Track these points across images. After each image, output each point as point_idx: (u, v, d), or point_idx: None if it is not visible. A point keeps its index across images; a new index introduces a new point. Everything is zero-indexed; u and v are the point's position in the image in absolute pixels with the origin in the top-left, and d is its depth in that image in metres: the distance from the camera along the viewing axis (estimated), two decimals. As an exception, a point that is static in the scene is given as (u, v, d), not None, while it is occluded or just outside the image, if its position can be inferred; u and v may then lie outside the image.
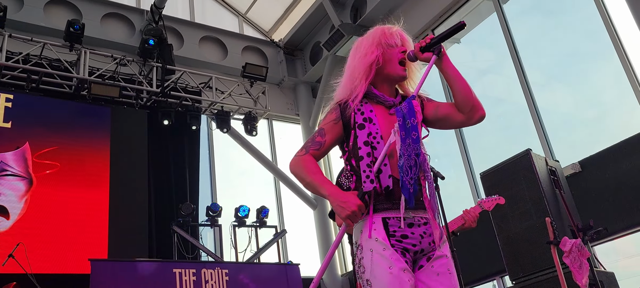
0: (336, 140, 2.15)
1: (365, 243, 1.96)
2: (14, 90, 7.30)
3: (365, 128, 2.07)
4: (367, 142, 2.05)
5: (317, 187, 2.03)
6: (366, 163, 2.01)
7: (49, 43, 7.49)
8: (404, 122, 1.99)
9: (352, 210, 1.88)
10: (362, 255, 1.97)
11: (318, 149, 2.12)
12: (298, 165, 2.10)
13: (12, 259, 5.74)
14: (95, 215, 7.06)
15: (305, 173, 2.06)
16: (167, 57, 8.50)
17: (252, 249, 7.68)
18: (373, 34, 2.22)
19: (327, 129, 2.14)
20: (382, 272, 1.90)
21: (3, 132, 6.91)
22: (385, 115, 2.11)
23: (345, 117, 2.11)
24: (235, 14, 10.57)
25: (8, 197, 6.60)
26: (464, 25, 2.08)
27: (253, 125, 8.82)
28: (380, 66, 2.15)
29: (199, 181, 8.42)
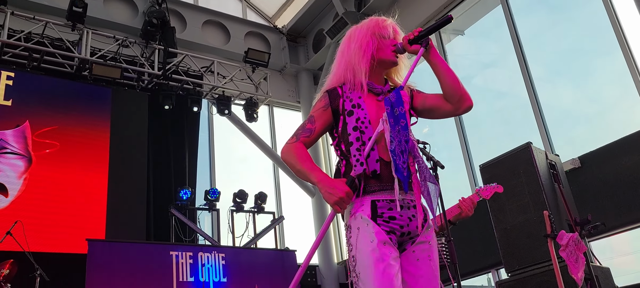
0: (326, 127, 2.21)
1: (353, 223, 2.03)
2: (15, 68, 7.29)
3: (354, 114, 2.13)
4: (355, 127, 2.10)
5: (306, 174, 2.08)
6: (356, 148, 2.07)
7: (52, 22, 7.46)
8: (392, 110, 2.06)
9: (340, 196, 1.93)
10: (350, 234, 2.04)
11: (308, 136, 2.17)
12: (289, 153, 2.14)
13: (10, 237, 5.75)
14: (94, 196, 7.06)
15: (296, 160, 2.10)
16: (170, 39, 8.47)
17: (249, 234, 7.70)
18: (367, 24, 2.27)
19: (316, 116, 2.19)
20: (365, 245, 1.98)
21: (3, 110, 6.90)
22: (374, 102, 2.17)
23: (334, 104, 2.17)
24: (239, -2, 10.52)
25: (7, 175, 6.60)
26: (450, 19, 2.17)
27: (254, 110, 8.81)
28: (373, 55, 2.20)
29: (198, 165, 8.42)
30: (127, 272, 5.82)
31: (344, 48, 2.27)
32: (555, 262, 3.86)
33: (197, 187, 8.06)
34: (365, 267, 1.96)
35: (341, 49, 2.29)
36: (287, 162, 2.15)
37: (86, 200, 6.98)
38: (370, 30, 2.23)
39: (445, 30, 8.62)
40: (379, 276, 1.92)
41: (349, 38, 2.27)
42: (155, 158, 8.00)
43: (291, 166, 2.13)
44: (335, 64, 2.29)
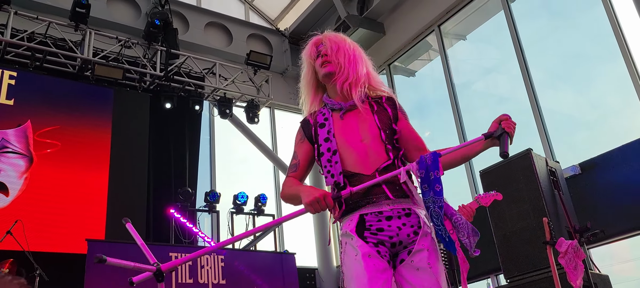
0: (309, 157, 2.23)
1: (342, 238, 2.08)
2: (18, 68, 7.30)
3: (325, 126, 2.19)
4: (326, 138, 2.15)
5: (293, 194, 2.13)
6: (326, 159, 2.13)
7: (55, 22, 7.49)
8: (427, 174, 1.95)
9: (315, 197, 1.93)
10: (341, 250, 2.08)
11: (295, 170, 2.22)
12: (282, 190, 2.21)
13: (10, 236, 5.76)
14: (94, 196, 7.07)
15: (285, 191, 2.18)
16: (172, 41, 8.49)
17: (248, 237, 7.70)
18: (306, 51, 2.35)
19: (297, 150, 2.27)
20: (349, 260, 2.01)
21: (5, 109, 6.92)
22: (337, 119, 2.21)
23: (307, 133, 2.24)
24: (241, 1, 10.54)
25: (8, 174, 6.61)
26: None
27: (255, 113, 8.82)
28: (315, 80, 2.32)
29: (199, 167, 8.43)
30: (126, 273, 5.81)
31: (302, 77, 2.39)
32: (554, 268, 3.86)
33: (198, 189, 8.07)
34: (350, 280, 1.98)
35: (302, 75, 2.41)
36: (284, 199, 2.23)
37: (86, 200, 6.99)
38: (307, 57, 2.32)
39: (447, 34, 8.63)
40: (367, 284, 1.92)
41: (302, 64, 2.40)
42: (155, 160, 8.01)
43: (288, 198, 2.18)
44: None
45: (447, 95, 8.18)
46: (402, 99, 2.29)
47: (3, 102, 6.95)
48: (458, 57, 8.63)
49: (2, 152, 6.68)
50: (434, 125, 9.19)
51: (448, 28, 8.62)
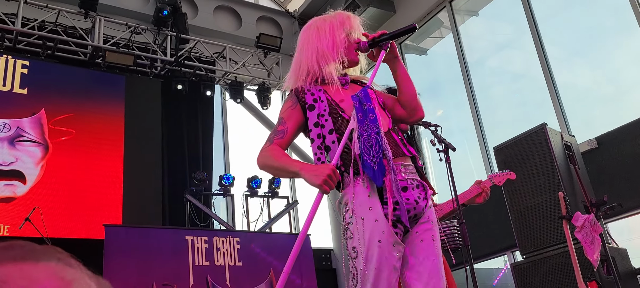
0: (299, 126, 2.16)
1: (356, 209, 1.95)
2: (30, 57, 7.36)
3: (315, 109, 2.10)
4: (316, 124, 2.08)
5: (286, 167, 2.04)
6: (317, 146, 2.05)
7: (64, 10, 7.51)
8: (361, 105, 2.02)
9: (327, 174, 1.86)
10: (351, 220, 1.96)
11: (282, 137, 2.12)
12: (264, 156, 2.09)
13: (29, 223, 5.85)
14: (110, 182, 7.14)
15: (273, 160, 2.06)
16: (182, 26, 8.48)
17: (263, 219, 7.73)
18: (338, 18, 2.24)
19: (286, 116, 2.15)
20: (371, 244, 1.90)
21: (19, 98, 6.98)
22: (339, 89, 2.14)
23: (301, 101, 2.14)
24: (250, -17, 10.46)
25: (25, 162, 6.69)
26: (415, 28, 2.22)
27: (266, 96, 8.81)
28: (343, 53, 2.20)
29: (213, 150, 8.46)
30: (144, 257, 5.88)
31: (312, 39, 2.21)
32: (570, 243, 3.82)
33: (212, 172, 8.11)
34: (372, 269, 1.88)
35: (308, 39, 2.23)
36: (265, 166, 2.10)
37: (102, 185, 7.06)
38: (342, 26, 2.21)
39: (458, 11, 8.51)
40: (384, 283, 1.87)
41: (317, 30, 2.22)
42: (169, 144, 8.06)
43: (269, 168, 2.10)
44: (300, 57, 2.23)
45: (460, 73, 8.09)
46: (413, 78, 2.27)
47: (17, 91, 7.01)
48: (470, 34, 8.52)
49: (18, 141, 6.76)
50: (447, 104, 9.11)
51: (459, 4, 8.50)
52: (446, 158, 3.41)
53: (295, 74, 2.22)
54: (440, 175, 7.85)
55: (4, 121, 6.76)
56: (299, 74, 2.20)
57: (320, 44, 2.16)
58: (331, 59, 2.14)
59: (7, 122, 6.77)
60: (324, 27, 2.21)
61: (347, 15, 2.25)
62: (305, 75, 2.17)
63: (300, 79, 2.19)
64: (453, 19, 8.38)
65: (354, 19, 2.25)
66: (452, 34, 8.39)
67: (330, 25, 2.20)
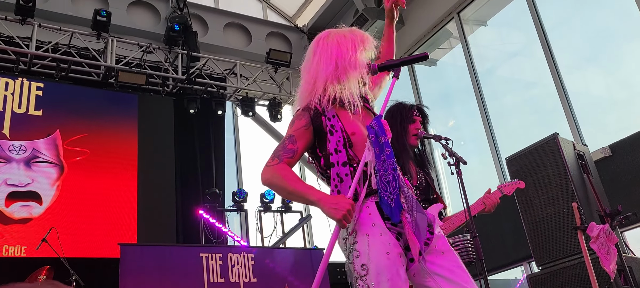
0: (308, 146, 2.11)
1: (360, 227, 1.94)
2: (44, 79, 7.48)
3: (334, 135, 2.06)
4: (336, 149, 2.04)
5: (302, 194, 1.99)
6: (335, 172, 2.02)
7: (77, 32, 7.63)
8: (377, 138, 1.97)
9: (347, 210, 1.86)
10: (356, 239, 1.94)
11: (292, 157, 2.06)
12: (274, 175, 2.02)
13: (46, 243, 5.92)
14: (125, 201, 7.21)
15: (286, 183, 2.01)
16: (192, 44, 8.58)
17: (277, 234, 7.75)
18: (357, 37, 2.17)
19: (297, 136, 2.08)
20: (380, 256, 1.89)
21: (35, 120, 7.10)
22: (350, 116, 2.09)
23: (316, 122, 2.07)
24: (259, 0, 10.57)
25: (41, 183, 6.79)
26: (427, 56, 2.17)
27: (278, 110, 8.87)
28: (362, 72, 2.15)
29: (225, 166, 8.51)
30: (159, 275, 5.91)
31: (332, 51, 2.11)
32: (586, 254, 3.79)
33: (225, 188, 8.16)
34: (385, 281, 1.87)
35: (326, 51, 2.13)
36: (273, 185, 2.05)
37: (117, 204, 7.14)
38: (363, 44, 2.14)
39: (467, 21, 8.52)
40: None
41: (337, 43, 2.12)
42: (182, 162, 8.12)
43: (280, 189, 2.04)
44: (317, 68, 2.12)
45: (470, 82, 8.08)
46: (424, 89, 2.33)
47: (32, 113, 7.13)
48: (480, 44, 8.51)
49: (34, 162, 6.86)
50: (459, 114, 9.09)
51: (468, 15, 8.50)
52: (457, 171, 3.40)
53: (309, 90, 2.12)
54: (452, 187, 7.82)
55: (20, 143, 6.87)
56: (314, 91, 2.09)
57: (343, 59, 2.07)
58: (353, 76, 2.06)
59: (23, 143, 6.88)
60: (345, 42, 2.11)
61: (366, 35, 2.19)
62: (322, 92, 2.07)
63: (315, 96, 2.08)
64: (461, 29, 8.39)
65: (371, 41, 2.18)
66: (461, 44, 8.39)
67: (352, 41, 2.12)
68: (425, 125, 3.55)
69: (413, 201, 1.98)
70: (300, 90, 2.19)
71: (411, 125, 3.42)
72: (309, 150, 2.15)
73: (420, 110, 3.48)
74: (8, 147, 6.79)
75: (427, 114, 3.51)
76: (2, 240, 6.27)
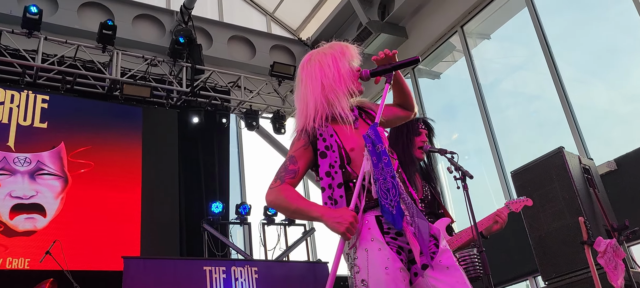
0: (309, 165, 2.13)
1: (359, 242, 1.94)
2: (50, 91, 7.51)
3: (327, 157, 2.06)
4: (328, 173, 2.04)
5: (304, 211, 2.02)
6: (327, 196, 2.02)
7: (83, 44, 7.67)
8: (374, 147, 1.98)
9: (350, 222, 1.87)
10: (356, 255, 1.94)
11: (293, 177, 2.08)
12: (278, 196, 2.05)
13: (49, 256, 5.91)
14: (128, 213, 7.20)
15: (289, 202, 2.03)
16: (197, 57, 8.62)
17: (281, 247, 7.73)
18: (339, 50, 2.19)
19: (297, 155, 2.11)
20: (379, 271, 1.88)
21: (40, 132, 7.12)
22: (350, 129, 2.10)
23: (313, 143, 2.10)
24: (263, 13, 10.63)
25: (45, 196, 6.79)
26: (418, 60, 2.24)
27: (281, 123, 8.89)
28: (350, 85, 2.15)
29: (229, 179, 8.51)
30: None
31: (316, 74, 2.14)
32: (593, 269, 3.77)
33: (229, 201, 8.15)
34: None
35: (310, 75, 2.16)
36: (277, 206, 2.08)
37: (121, 217, 7.13)
38: (344, 56, 2.16)
39: (470, 34, 8.55)
40: None
41: (319, 63, 2.15)
42: (186, 174, 8.13)
43: (284, 209, 2.07)
44: (305, 93, 2.16)
45: (474, 96, 8.08)
46: (427, 102, 2.35)
47: (37, 125, 7.15)
48: (483, 57, 8.53)
49: (38, 174, 6.87)
50: (462, 127, 9.09)
51: (471, 28, 8.53)
52: (464, 186, 3.39)
53: (304, 113, 2.14)
54: (457, 200, 7.80)
55: (25, 155, 6.88)
56: (308, 113, 2.12)
57: (326, 78, 2.11)
58: (340, 91, 2.09)
59: (28, 156, 6.90)
60: (326, 60, 2.14)
61: (345, 45, 2.21)
62: (314, 113, 2.10)
63: (309, 118, 2.11)
64: (465, 42, 8.41)
65: (352, 49, 2.22)
66: (464, 57, 8.41)
67: (332, 57, 2.14)
68: (431, 139, 3.55)
69: (413, 208, 1.99)
70: (296, 117, 2.23)
71: (417, 138, 3.42)
72: (312, 169, 2.17)
73: (426, 123, 3.48)
74: (13, 159, 6.80)
75: (432, 127, 3.51)
76: (6, 253, 6.26)
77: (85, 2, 8.56)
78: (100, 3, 8.68)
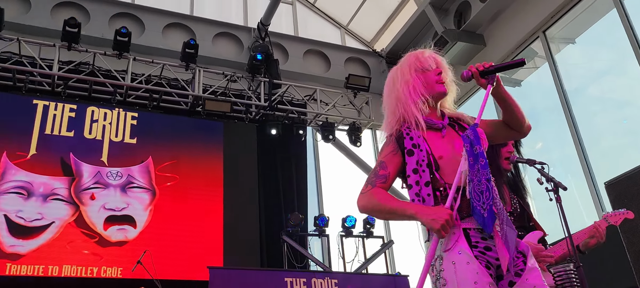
0: (398, 171, 2.14)
1: (447, 255, 1.90)
2: (138, 109, 7.94)
3: (414, 155, 2.07)
4: (415, 170, 2.05)
5: (398, 211, 2.02)
6: (415, 193, 2.02)
7: (168, 64, 8.06)
8: (472, 148, 1.98)
9: (445, 219, 1.86)
10: (443, 267, 1.90)
11: (384, 182, 2.11)
12: (370, 200, 2.08)
13: (140, 265, 6.22)
14: (211, 224, 7.46)
15: (382, 204, 2.04)
16: (274, 71, 8.82)
17: (359, 259, 7.70)
18: (407, 61, 2.26)
19: (387, 161, 2.13)
20: (467, 285, 1.83)
21: (130, 148, 7.53)
22: (438, 138, 2.12)
23: (401, 146, 2.12)
24: (337, 26, 10.73)
25: (135, 208, 7.17)
26: (523, 62, 2.24)
27: (357, 135, 8.89)
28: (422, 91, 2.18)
29: (307, 191, 8.61)
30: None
31: (390, 89, 2.26)
32: None
33: (307, 213, 8.24)
34: None
35: (387, 91, 2.28)
36: (370, 210, 2.10)
37: (205, 228, 7.40)
38: (411, 67, 2.21)
39: (553, 39, 8.21)
40: None
41: (392, 79, 2.27)
42: (265, 186, 8.31)
43: (377, 212, 2.09)
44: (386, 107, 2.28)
45: (558, 103, 7.73)
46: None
47: (127, 141, 7.57)
48: (568, 62, 8.16)
49: (129, 188, 7.26)
50: (546, 136, 8.71)
51: (554, 32, 8.19)
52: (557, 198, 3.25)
53: (390, 120, 2.24)
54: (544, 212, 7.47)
55: (117, 169, 7.30)
56: (393, 120, 2.21)
57: (398, 92, 2.19)
58: (411, 102, 2.14)
59: (120, 170, 7.31)
60: (397, 75, 2.25)
61: (414, 54, 2.26)
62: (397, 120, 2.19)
63: (397, 124, 2.19)
64: (548, 48, 8.09)
65: (421, 53, 2.26)
66: (547, 63, 8.08)
67: (401, 71, 2.23)
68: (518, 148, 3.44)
69: (504, 215, 1.96)
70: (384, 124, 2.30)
71: (503, 149, 3.31)
72: (400, 176, 2.18)
73: None
74: (106, 173, 7.23)
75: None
76: (101, 262, 6.65)
77: (169, 23, 9.00)
78: (183, 24, 9.10)
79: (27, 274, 6.22)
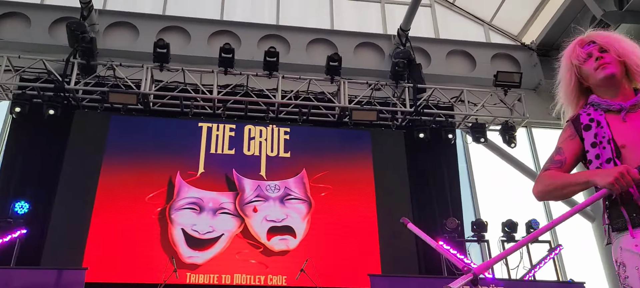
0: (576, 157, 1.98)
1: (629, 260, 1.73)
2: (290, 124, 8.30)
3: (591, 129, 1.91)
4: (594, 144, 1.88)
5: (572, 182, 1.87)
6: (595, 167, 1.85)
7: (314, 78, 8.32)
8: None
9: (619, 172, 1.68)
10: (627, 274, 1.73)
11: (560, 167, 1.98)
12: (541, 182, 1.97)
13: (303, 273, 6.43)
14: (367, 232, 7.50)
15: (554, 180, 1.93)
16: (417, 76, 8.70)
17: (524, 266, 7.22)
18: (565, 55, 2.15)
19: (564, 146, 2.02)
20: None
21: (285, 162, 7.88)
22: (619, 121, 1.90)
23: (578, 128, 1.98)
24: (480, 23, 10.32)
25: (294, 218, 7.46)
26: None
27: (511, 135, 8.40)
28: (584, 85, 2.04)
29: (461, 195, 8.31)
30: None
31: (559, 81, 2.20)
32: None
33: (463, 218, 7.94)
34: None
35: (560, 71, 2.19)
36: (545, 193, 1.98)
37: (360, 236, 7.46)
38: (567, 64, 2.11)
39: None
40: None
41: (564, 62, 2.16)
42: (417, 192, 8.18)
43: (552, 191, 1.94)
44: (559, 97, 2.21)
45: None
46: None
47: (282, 155, 7.92)
48: None
49: (287, 199, 7.57)
50: None
51: None
52: None
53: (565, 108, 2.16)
54: None
55: (275, 182, 7.66)
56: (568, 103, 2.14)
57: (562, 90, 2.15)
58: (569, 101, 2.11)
59: (277, 183, 7.67)
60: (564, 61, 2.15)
61: (568, 50, 2.13)
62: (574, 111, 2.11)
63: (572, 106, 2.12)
64: None
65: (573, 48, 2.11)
66: None
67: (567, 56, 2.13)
68: None
69: None
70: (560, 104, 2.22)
71: None
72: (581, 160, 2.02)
73: None
74: (265, 187, 7.62)
75: None
76: (267, 271, 6.98)
77: (312, 39, 9.31)
78: (325, 38, 9.35)
79: (204, 283, 6.73)
